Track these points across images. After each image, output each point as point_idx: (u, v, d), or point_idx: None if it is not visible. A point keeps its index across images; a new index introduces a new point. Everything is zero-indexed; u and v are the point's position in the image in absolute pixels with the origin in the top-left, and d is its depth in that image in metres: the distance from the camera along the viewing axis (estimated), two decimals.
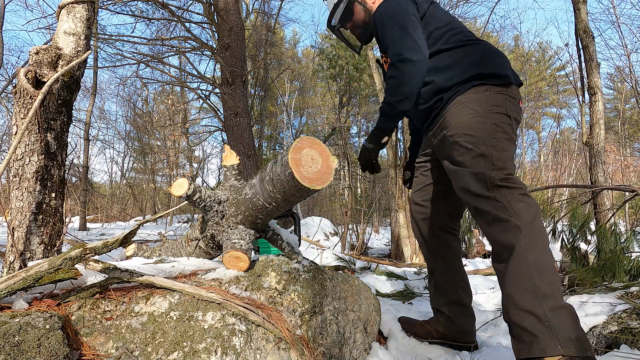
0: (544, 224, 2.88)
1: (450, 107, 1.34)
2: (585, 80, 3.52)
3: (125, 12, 5.92)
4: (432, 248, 1.56)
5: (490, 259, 4.93)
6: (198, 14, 6.45)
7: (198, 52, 6.70)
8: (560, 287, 1.12)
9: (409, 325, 1.55)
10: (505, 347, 1.48)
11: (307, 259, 1.30)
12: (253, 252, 1.44)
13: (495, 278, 2.81)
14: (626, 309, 1.46)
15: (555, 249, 2.79)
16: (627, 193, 2.44)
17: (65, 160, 1.40)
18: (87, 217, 9.71)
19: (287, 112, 16.05)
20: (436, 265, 1.55)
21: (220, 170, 12.36)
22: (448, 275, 1.54)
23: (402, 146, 5.78)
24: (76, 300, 0.89)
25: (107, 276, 0.96)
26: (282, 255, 1.28)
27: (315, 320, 1.11)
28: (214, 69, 8.56)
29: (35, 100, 1.21)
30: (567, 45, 8.85)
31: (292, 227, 1.76)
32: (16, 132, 1.24)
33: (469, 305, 1.53)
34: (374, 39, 1.58)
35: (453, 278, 1.53)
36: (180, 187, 1.20)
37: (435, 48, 1.39)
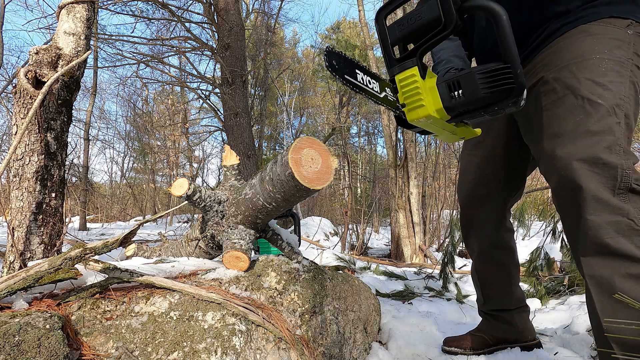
0: (544, 224, 2.88)
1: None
2: None
3: (125, 12, 5.93)
4: (487, 240, 1.35)
5: None
6: (198, 14, 6.46)
7: (198, 52, 6.71)
8: None
9: (457, 342, 1.40)
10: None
11: (307, 259, 1.30)
12: (253, 252, 1.44)
13: None
14: None
15: (555, 249, 2.79)
16: None
17: (65, 160, 1.40)
18: (87, 217, 9.70)
19: (287, 112, 16.06)
20: (489, 263, 1.37)
21: (220, 170, 12.36)
22: (505, 276, 1.37)
23: (402, 146, 5.78)
24: (76, 300, 0.89)
25: (107, 276, 0.96)
26: (282, 255, 1.28)
27: (315, 320, 1.11)
28: (214, 69, 8.56)
29: (35, 100, 1.21)
30: None
31: (292, 227, 1.76)
32: (16, 132, 1.24)
33: (524, 300, 1.41)
34: None
35: (510, 279, 1.37)
36: (180, 187, 1.20)
37: None
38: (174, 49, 6.60)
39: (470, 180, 1.34)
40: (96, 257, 0.94)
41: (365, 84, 0.91)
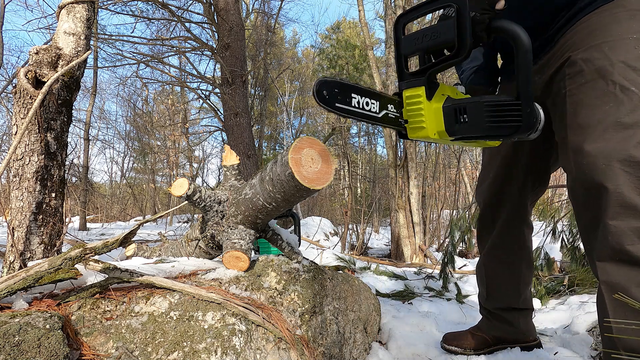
0: (544, 224, 2.88)
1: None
2: None
3: (125, 12, 5.93)
4: (503, 236, 1.31)
5: None
6: (198, 14, 6.46)
7: (198, 52, 6.71)
8: None
9: (457, 340, 1.38)
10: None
11: (307, 259, 1.30)
12: (253, 252, 1.44)
13: None
14: None
15: (555, 249, 2.79)
16: None
17: (65, 160, 1.40)
18: (87, 217, 9.70)
19: (287, 112, 16.06)
20: (502, 259, 1.33)
21: (220, 170, 12.36)
22: (516, 274, 1.33)
23: (402, 146, 5.78)
24: (76, 300, 0.89)
25: (107, 276, 0.96)
26: (282, 255, 1.28)
27: (315, 320, 1.11)
28: (214, 69, 8.57)
29: (35, 100, 1.21)
30: None
31: (292, 227, 1.76)
32: (16, 132, 1.24)
33: (532, 302, 1.40)
34: None
35: (520, 277, 1.34)
36: (180, 187, 1.20)
37: None
38: (174, 49, 6.60)
39: (491, 176, 1.31)
40: (96, 257, 0.94)
41: (361, 107, 0.89)
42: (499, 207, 1.30)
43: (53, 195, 1.32)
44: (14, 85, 1.28)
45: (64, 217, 1.39)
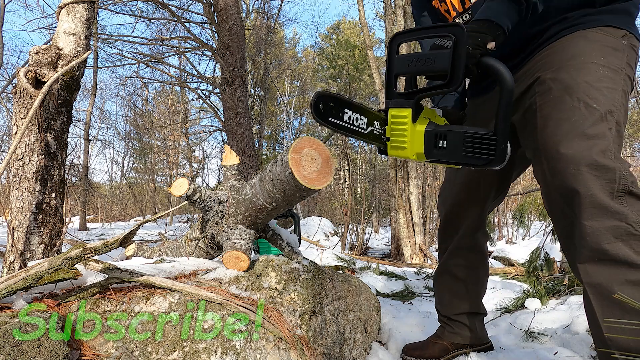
0: (544, 224, 2.87)
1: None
2: None
3: (125, 12, 5.94)
4: (462, 243, 1.36)
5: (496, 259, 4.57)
6: (198, 14, 6.46)
7: (198, 52, 6.72)
8: None
9: (419, 351, 1.39)
10: (506, 348, 1.48)
11: (307, 259, 1.30)
12: (253, 252, 1.44)
13: (495, 278, 2.80)
14: None
15: (555, 249, 2.79)
16: None
17: (65, 160, 1.40)
18: (87, 217, 9.70)
19: (287, 112, 16.07)
20: (461, 266, 1.37)
21: (220, 170, 12.36)
22: (475, 279, 1.38)
23: None
24: (76, 300, 0.89)
25: (107, 276, 0.96)
26: (282, 255, 1.28)
27: (315, 320, 1.11)
28: (214, 69, 8.57)
29: (35, 100, 1.21)
30: None
31: (292, 227, 1.75)
32: (16, 132, 1.24)
33: (484, 308, 1.44)
34: None
35: (478, 282, 1.39)
36: (180, 187, 1.20)
37: None
38: (174, 49, 6.61)
39: (455, 185, 1.35)
40: (96, 257, 0.94)
41: (351, 122, 0.94)
42: (462, 217, 1.35)
43: (53, 195, 1.32)
44: (14, 85, 1.28)
45: (64, 217, 1.39)
